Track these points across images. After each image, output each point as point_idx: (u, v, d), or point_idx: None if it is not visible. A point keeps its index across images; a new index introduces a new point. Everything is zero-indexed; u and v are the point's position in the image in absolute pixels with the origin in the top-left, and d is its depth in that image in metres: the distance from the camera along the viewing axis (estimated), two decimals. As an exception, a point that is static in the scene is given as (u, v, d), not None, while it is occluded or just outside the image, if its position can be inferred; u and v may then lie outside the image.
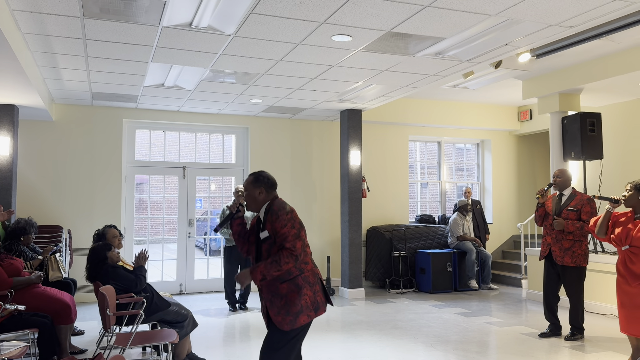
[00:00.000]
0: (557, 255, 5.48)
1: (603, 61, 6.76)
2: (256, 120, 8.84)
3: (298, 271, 3.13)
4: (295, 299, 3.07)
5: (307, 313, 3.10)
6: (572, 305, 5.48)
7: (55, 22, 4.39)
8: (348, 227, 8.11)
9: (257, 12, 4.18)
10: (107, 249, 4.67)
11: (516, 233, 10.32)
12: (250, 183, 3.26)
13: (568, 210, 5.48)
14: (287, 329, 3.07)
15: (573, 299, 5.47)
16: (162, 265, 8.58)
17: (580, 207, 5.44)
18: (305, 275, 3.14)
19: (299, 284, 3.11)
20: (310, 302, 3.12)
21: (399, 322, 6.36)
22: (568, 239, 5.43)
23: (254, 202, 3.25)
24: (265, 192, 3.24)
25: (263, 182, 3.25)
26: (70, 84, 6.57)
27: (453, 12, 4.19)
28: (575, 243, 5.42)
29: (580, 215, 5.42)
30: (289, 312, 3.07)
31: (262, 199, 3.24)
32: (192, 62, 5.60)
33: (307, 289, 3.12)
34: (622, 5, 4.06)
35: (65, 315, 4.69)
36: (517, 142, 10.63)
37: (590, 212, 5.40)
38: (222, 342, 5.55)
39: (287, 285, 3.09)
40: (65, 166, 7.81)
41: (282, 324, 3.07)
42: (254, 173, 3.31)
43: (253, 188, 3.24)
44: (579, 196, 5.51)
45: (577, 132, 7.16)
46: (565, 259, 5.42)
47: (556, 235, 5.50)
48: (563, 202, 5.57)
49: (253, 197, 3.25)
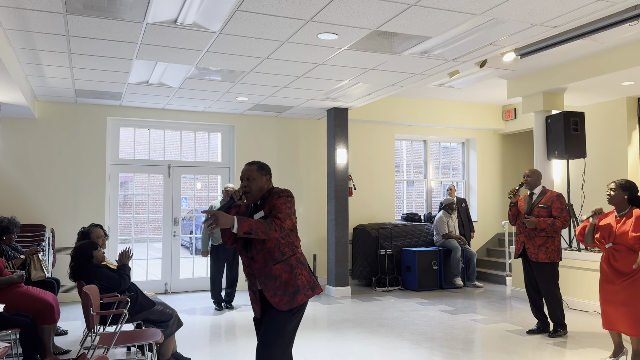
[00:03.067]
0: (531, 252, 5.56)
1: (586, 61, 6.83)
2: (242, 118, 8.80)
3: (291, 252, 3.14)
4: (290, 279, 3.08)
5: (305, 292, 3.11)
6: (549, 302, 5.55)
7: (38, 18, 4.33)
8: (334, 225, 8.12)
9: (243, 9, 4.16)
10: (93, 247, 4.62)
11: (501, 231, 10.41)
12: (257, 170, 3.20)
13: (539, 207, 5.58)
14: (285, 308, 3.06)
15: (548, 295, 5.53)
16: (147, 265, 8.51)
17: (551, 203, 5.54)
18: (297, 255, 3.16)
19: (293, 264, 3.12)
20: (307, 281, 3.14)
21: (385, 320, 6.39)
22: (541, 236, 5.52)
23: (260, 190, 3.20)
24: (269, 180, 3.24)
25: (267, 169, 3.25)
26: (53, 81, 6.48)
27: (438, 11, 4.21)
28: (548, 239, 5.51)
29: (551, 211, 5.53)
30: (285, 292, 3.07)
31: (267, 187, 3.23)
32: (177, 60, 5.56)
33: (301, 269, 3.14)
34: (605, 6, 4.10)
35: (48, 315, 4.63)
36: (501, 141, 10.72)
37: (560, 207, 5.51)
38: (208, 341, 5.52)
39: (281, 266, 3.09)
40: (48, 164, 7.71)
41: (279, 305, 3.06)
42: (255, 161, 3.26)
43: (260, 175, 3.20)
44: (549, 193, 5.63)
45: (561, 131, 7.24)
46: (540, 255, 5.50)
47: (529, 232, 5.59)
48: (534, 200, 5.67)
49: (260, 185, 3.19)
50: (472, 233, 9.53)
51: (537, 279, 5.62)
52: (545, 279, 5.53)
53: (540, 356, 4.89)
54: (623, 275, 4.41)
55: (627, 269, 4.38)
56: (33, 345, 4.25)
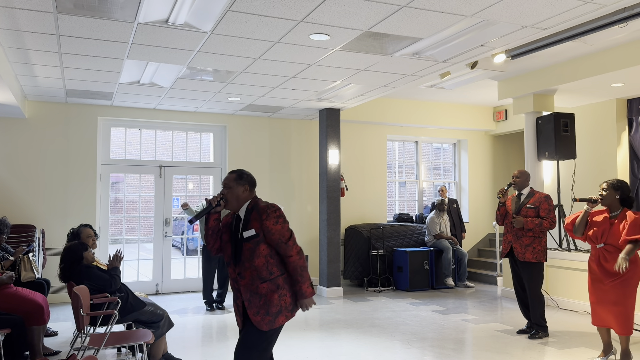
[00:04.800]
0: (518, 252, 5.60)
1: (576, 63, 6.89)
2: (234, 118, 8.79)
3: (279, 272, 3.10)
4: (274, 299, 3.04)
5: (285, 314, 3.08)
6: (533, 302, 5.58)
7: (28, 17, 4.30)
8: (326, 226, 8.13)
9: (235, 9, 4.15)
10: (83, 248, 4.60)
11: (492, 231, 10.46)
12: (234, 180, 3.17)
13: (527, 207, 5.62)
14: (265, 329, 3.04)
15: (534, 295, 5.56)
16: (138, 265, 8.48)
17: (539, 204, 5.59)
18: (285, 276, 3.12)
19: (280, 285, 3.08)
20: (289, 303, 3.11)
21: (377, 320, 6.40)
22: (528, 236, 5.56)
23: (237, 199, 3.16)
24: (248, 190, 3.19)
25: (247, 179, 3.19)
26: (43, 80, 6.44)
27: (430, 13, 4.23)
28: (535, 240, 5.55)
29: (538, 212, 5.57)
30: (268, 312, 3.04)
31: (245, 197, 3.17)
32: (169, 60, 5.54)
33: (286, 290, 3.10)
34: (594, 8, 4.14)
35: (38, 316, 4.60)
36: (492, 142, 10.78)
37: (547, 208, 5.55)
38: (200, 342, 5.51)
39: (268, 285, 3.05)
40: (38, 164, 7.66)
41: (260, 324, 3.03)
42: (235, 170, 3.23)
43: (237, 185, 3.16)
44: (537, 194, 5.68)
45: (551, 132, 7.29)
46: (527, 255, 5.54)
47: (516, 232, 5.64)
48: (522, 201, 5.72)
49: (236, 194, 3.15)
50: (464, 233, 9.58)
51: (523, 279, 5.66)
52: (531, 278, 5.57)
53: (530, 356, 4.92)
54: (612, 276, 4.45)
55: (617, 270, 4.42)
56: (22, 346, 4.22)
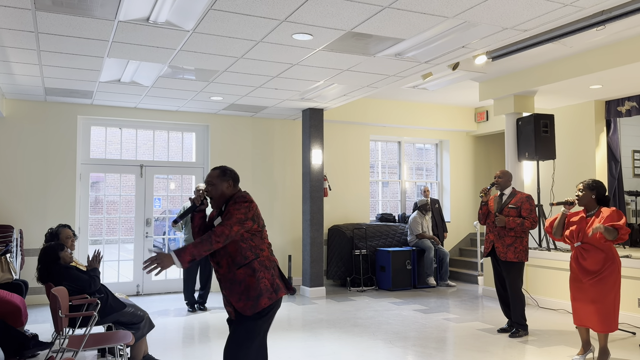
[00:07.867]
0: (500, 251, 5.66)
1: (556, 64, 6.98)
2: (217, 118, 8.74)
3: (254, 255, 3.11)
4: (253, 283, 3.06)
5: (268, 296, 3.08)
6: (514, 301, 5.63)
7: (5, 13, 4.23)
8: (309, 226, 8.12)
9: (217, 8, 4.13)
10: (59, 248, 4.52)
11: (473, 231, 10.56)
12: (218, 177, 3.18)
13: (509, 207, 5.69)
14: (249, 313, 3.05)
15: (515, 295, 5.62)
16: (119, 266, 8.38)
17: (520, 204, 5.65)
18: (260, 259, 3.13)
19: (255, 268, 3.09)
20: (270, 284, 3.10)
21: (359, 320, 6.41)
22: (510, 236, 5.62)
23: (221, 196, 3.18)
24: (232, 186, 3.20)
25: (230, 175, 3.21)
26: (21, 78, 6.33)
27: (412, 14, 4.25)
28: (517, 239, 5.61)
29: (520, 212, 5.63)
30: (249, 296, 3.05)
31: (230, 193, 3.19)
32: (150, 58, 5.49)
33: (263, 272, 3.10)
34: (573, 11, 4.20)
35: (15, 318, 4.53)
36: (474, 142, 10.88)
37: (529, 208, 5.62)
38: (181, 343, 5.46)
39: (244, 270, 3.07)
40: (16, 164, 7.53)
41: (244, 309, 3.06)
42: (218, 167, 3.24)
43: (221, 181, 3.18)
44: (519, 195, 5.74)
45: (531, 133, 7.38)
46: (508, 254, 5.60)
47: (498, 232, 5.69)
48: (504, 201, 5.78)
49: (221, 191, 3.17)
50: (445, 233, 9.66)
51: (504, 278, 5.72)
52: (512, 277, 5.63)
53: (511, 354, 4.97)
54: (591, 274, 4.52)
55: (595, 267, 4.49)
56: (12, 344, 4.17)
